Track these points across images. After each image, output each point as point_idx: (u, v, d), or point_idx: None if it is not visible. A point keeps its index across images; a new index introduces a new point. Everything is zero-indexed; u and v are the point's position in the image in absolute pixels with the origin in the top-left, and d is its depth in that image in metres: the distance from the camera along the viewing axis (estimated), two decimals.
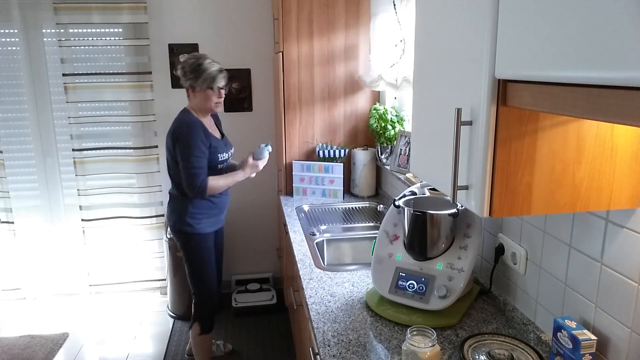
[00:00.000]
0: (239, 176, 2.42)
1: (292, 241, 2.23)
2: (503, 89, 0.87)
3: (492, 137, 0.91)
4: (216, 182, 2.34)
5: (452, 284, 1.45)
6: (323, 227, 2.46)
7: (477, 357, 1.24)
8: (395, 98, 2.87)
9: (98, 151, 3.46)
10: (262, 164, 2.47)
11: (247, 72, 3.49)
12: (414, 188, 1.75)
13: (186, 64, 2.30)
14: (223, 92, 2.37)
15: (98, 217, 3.57)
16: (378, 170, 2.95)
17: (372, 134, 2.88)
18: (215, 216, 2.49)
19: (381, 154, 2.84)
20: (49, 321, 3.34)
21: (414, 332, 1.21)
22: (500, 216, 1.07)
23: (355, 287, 1.73)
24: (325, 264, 2.26)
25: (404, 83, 2.26)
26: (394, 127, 2.70)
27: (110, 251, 3.64)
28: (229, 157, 2.47)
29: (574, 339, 1.09)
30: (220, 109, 2.41)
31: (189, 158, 2.25)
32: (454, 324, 1.45)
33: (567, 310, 1.24)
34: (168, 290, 3.42)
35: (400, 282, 1.52)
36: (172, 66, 3.42)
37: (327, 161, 2.91)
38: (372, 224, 2.51)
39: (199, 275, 2.48)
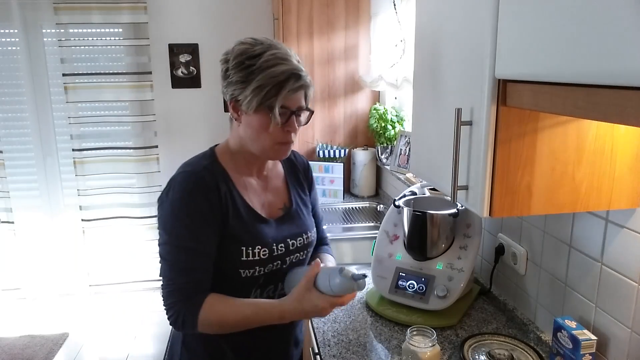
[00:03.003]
0: (282, 309, 1.11)
1: None
2: (503, 89, 0.87)
3: (492, 137, 0.91)
4: (224, 309, 1.11)
5: (452, 284, 1.45)
6: (323, 227, 2.45)
7: (477, 357, 1.24)
8: (395, 98, 2.86)
9: (98, 151, 3.46)
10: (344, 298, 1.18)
11: None
12: (414, 188, 1.75)
13: (231, 54, 1.11)
14: (295, 121, 1.12)
15: (98, 217, 3.57)
16: (378, 170, 2.95)
17: (372, 134, 2.88)
18: None
19: (381, 154, 2.84)
20: (49, 321, 3.34)
21: (414, 332, 1.21)
22: (500, 216, 1.07)
23: None
24: None
25: (404, 83, 2.26)
26: (394, 127, 2.70)
27: (110, 251, 3.64)
28: (283, 262, 1.21)
29: (574, 339, 1.09)
30: (287, 153, 1.17)
31: (164, 244, 1.11)
32: (454, 324, 1.44)
33: (567, 310, 1.24)
34: None
35: (400, 282, 1.52)
36: (172, 66, 3.42)
37: (327, 161, 2.91)
38: (372, 224, 2.51)
39: None
